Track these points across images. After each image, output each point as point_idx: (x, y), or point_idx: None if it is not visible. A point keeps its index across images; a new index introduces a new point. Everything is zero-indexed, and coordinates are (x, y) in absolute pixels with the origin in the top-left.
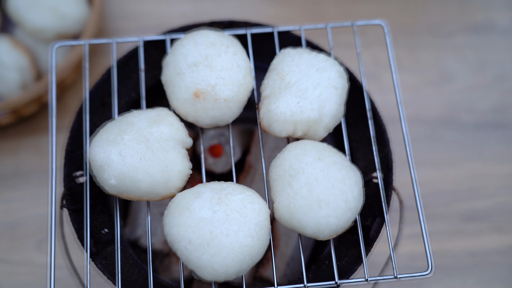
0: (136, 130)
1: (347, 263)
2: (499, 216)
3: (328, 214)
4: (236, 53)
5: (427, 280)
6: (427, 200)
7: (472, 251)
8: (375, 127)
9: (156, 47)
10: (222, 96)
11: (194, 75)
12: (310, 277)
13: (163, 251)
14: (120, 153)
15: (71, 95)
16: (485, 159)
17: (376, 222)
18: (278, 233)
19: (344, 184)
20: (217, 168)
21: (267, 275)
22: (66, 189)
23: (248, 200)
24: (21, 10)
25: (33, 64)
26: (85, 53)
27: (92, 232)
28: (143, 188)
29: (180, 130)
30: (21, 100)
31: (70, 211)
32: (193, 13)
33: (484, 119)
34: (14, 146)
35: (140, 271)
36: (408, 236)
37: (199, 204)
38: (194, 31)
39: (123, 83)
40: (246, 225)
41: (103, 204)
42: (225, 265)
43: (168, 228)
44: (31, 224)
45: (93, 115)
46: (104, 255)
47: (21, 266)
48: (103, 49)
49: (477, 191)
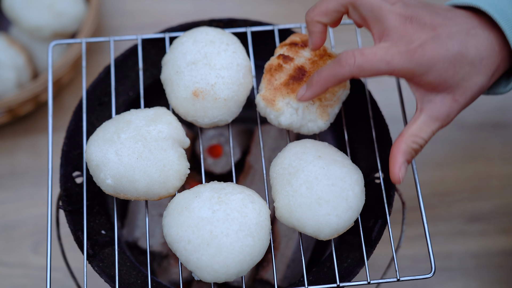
0: (133, 129)
1: (348, 265)
2: (503, 217)
3: (328, 212)
4: (236, 51)
5: (429, 282)
6: (430, 201)
7: (475, 253)
8: (377, 127)
9: (155, 46)
10: (222, 96)
11: (193, 74)
12: (311, 280)
13: (161, 253)
14: (116, 152)
15: (67, 94)
16: (489, 159)
17: (378, 224)
18: (278, 234)
19: (344, 182)
20: (216, 169)
21: (267, 277)
22: (62, 190)
23: (248, 199)
24: (17, 8)
25: (29, 62)
26: (82, 51)
27: (89, 234)
28: (140, 188)
29: (178, 129)
30: (17, 99)
31: (67, 212)
32: (192, 11)
33: (488, 118)
34: (9, 146)
35: (138, 274)
36: (410, 238)
37: (198, 203)
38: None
39: (121, 82)
40: (247, 224)
41: (100, 205)
42: (225, 266)
43: (167, 228)
44: (27, 225)
45: (90, 114)
46: (101, 257)
47: (16, 268)
48: (101, 47)
49: (481, 191)
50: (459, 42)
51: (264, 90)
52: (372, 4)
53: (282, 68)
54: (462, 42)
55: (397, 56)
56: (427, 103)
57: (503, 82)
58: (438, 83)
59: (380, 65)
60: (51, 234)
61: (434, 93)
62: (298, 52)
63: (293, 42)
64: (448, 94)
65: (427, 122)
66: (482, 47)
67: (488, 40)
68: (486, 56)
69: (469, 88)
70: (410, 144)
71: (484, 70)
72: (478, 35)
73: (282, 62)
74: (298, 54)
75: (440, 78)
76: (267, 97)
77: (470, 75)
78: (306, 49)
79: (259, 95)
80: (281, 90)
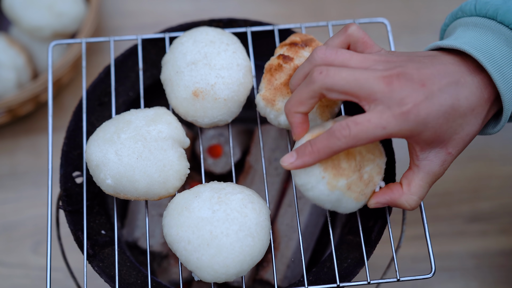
0: (133, 129)
1: (348, 265)
2: (504, 218)
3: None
4: (236, 51)
5: (429, 282)
6: (430, 201)
7: (475, 253)
8: None
9: (155, 46)
10: (222, 96)
11: (193, 74)
12: (311, 280)
13: (161, 253)
14: (116, 152)
15: (67, 94)
16: (489, 159)
17: (378, 224)
18: (278, 234)
19: None
20: (216, 169)
21: (267, 277)
22: (62, 190)
23: (248, 199)
24: (17, 8)
25: (29, 62)
26: (82, 51)
27: (89, 234)
28: (140, 188)
29: (178, 129)
30: (17, 99)
31: (67, 213)
32: (192, 11)
33: None
34: (10, 146)
35: (138, 274)
36: (410, 238)
37: (198, 203)
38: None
39: (120, 82)
40: (247, 224)
41: (100, 205)
42: (225, 266)
43: (167, 228)
44: (27, 225)
45: (90, 114)
46: (101, 257)
47: (16, 269)
48: (101, 47)
49: (481, 191)
50: (451, 95)
51: (264, 90)
52: (346, 81)
53: (282, 68)
54: (454, 95)
55: (392, 120)
56: (423, 161)
57: (491, 123)
58: (433, 140)
59: (376, 132)
60: (51, 234)
61: (429, 150)
62: (298, 52)
63: (293, 42)
64: (442, 148)
65: (426, 178)
66: (473, 97)
67: (478, 89)
68: (476, 105)
69: (462, 139)
70: (404, 203)
71: (475, 120)
72: (467, 84)
73: (282, 62)
74: (298, 54)
75: (435, 134)
76: (267, 97)
77: (462, 127)
78: (306, 49)
79: (259, 95)
80: (281, 90)
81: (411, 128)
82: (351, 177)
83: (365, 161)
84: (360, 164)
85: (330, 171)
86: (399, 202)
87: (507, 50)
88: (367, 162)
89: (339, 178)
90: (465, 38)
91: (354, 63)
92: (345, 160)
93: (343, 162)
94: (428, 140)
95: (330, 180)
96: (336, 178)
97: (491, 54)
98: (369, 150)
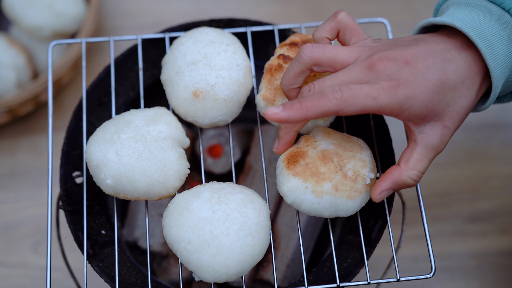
0: (133, 129)
1: (348, 265)
2: (504, 217)
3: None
4: (236, 52)
5: (429, 282)
6: (430, 201)
7: (476, 253)
8: (377, 126)
9: (155, 46)
10: (222, 96)
11: (193, 74)
12: (311, 280)
13: (161, 253)
14: (116, 152)
15: (67, 94)
16: (489, 159)
17: (378, 224)
18: (278, 234)
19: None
20: (216, 169)
21: (267, 277)
22: (62, 190)
23: (248, 199)
24: (17, 8)
25: (29, 62)
26: (82, 51)
27: (89, 234)
28: (140, 188)
29: (178, 130)
30: (17, 99)
31: (67, 213)
32: (192, 11)
33: (488, 119)
34: (10, 146)
35: (138, 274)
36: (410, 238)
37: (198, 204)
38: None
39: (120, 82)
40: (247, 224)
41: (100, 205)
42: (226, 266)
43: (167, 229)
44: (27, 225)
45: (90, 114)
46: (101, 257)
47: (16, 268)
48: (101, 47)
49: (481, 191)
50: (437, 69)
51: (264, 90)
52: (333, 67)
53: (282, 68)
54: (441, 69)
55: (382, 92)
56: (419, 135)
57: (480, 100)
58: (426, 114)
59: (367, 101)
60: (51, 234)
61: (424, 124)
62: None
63: (293, 42)
64: (437, 121)
65: (424, 152)
66: (461, 70)
67: (466, 62)
68: (466, 78)
69: (456, 112)
70: (406, 180)
71: (468, 92)
72: (454, 59)
73: (282, 62)
74: None
75: (426, 108)
76: (267, 97)
77: (455, 100)
78: None
79: (259, 95)
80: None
81: (400, 102)
82: (334, 178)
83: (345, 160)
84: (339, 164)
85: (310, 179)
86: (401, 181)
87: (498, 28)
88: (347, 160)
89: (322, 182)
90: (457, 16)
91: (341, 58)
92: (322, 165)
93: (321, 167)
94: (421, 115)
95: (315, 188)
96: (319, 183)
97: (482, 31)
98: (347, 148)
